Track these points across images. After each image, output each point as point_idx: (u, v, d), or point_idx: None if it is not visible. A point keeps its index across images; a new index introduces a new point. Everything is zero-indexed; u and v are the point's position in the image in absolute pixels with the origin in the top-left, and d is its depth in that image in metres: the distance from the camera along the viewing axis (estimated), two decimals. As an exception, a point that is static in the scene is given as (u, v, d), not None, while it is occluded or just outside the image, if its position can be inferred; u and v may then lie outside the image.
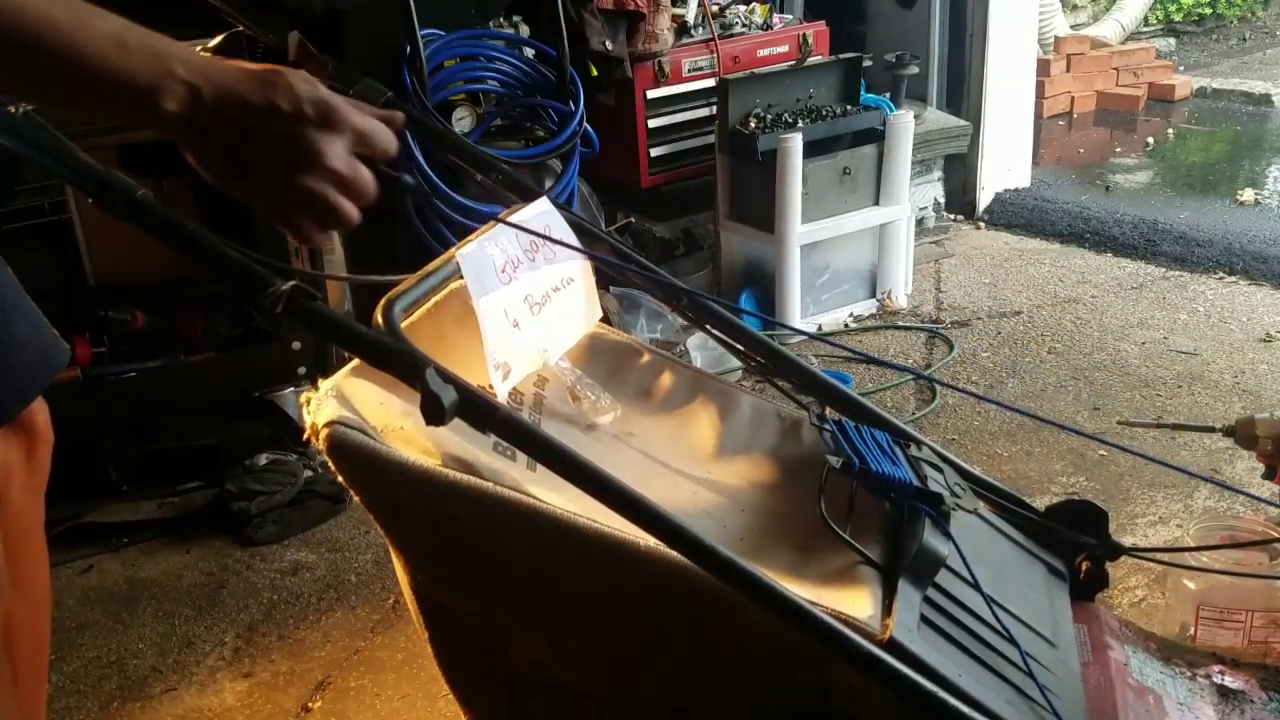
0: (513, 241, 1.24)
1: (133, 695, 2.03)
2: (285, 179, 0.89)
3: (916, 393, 3.00)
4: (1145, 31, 7.43)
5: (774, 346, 1.46)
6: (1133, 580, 2.10)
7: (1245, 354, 3.07)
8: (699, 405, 1.45)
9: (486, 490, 1.05)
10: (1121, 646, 1.39)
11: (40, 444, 1.48)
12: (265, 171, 0.88)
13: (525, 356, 1.24)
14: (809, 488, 1.24)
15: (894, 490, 1.23)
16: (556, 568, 1.10)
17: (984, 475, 1.49)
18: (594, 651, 1.18)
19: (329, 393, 1.10)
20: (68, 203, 2.54)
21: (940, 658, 1.09)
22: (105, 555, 2.47)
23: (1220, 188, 4.67)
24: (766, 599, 1.02)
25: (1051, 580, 1.44)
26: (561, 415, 1.34)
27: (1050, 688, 1.19)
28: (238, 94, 0.86)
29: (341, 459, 1.05)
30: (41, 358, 1.40)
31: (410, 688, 1.98)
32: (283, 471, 2.59)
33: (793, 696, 1.12)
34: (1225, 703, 1.35)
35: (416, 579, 1.17)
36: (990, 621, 1.21)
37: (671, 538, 1.02)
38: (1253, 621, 1.69)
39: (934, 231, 4.12)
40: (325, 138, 0.89)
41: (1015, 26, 4.21)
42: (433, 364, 0.97)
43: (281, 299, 0.95)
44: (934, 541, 1.18)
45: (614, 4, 3.29)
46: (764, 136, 3.27)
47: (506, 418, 1.01)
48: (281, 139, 0.87)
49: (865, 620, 1.07)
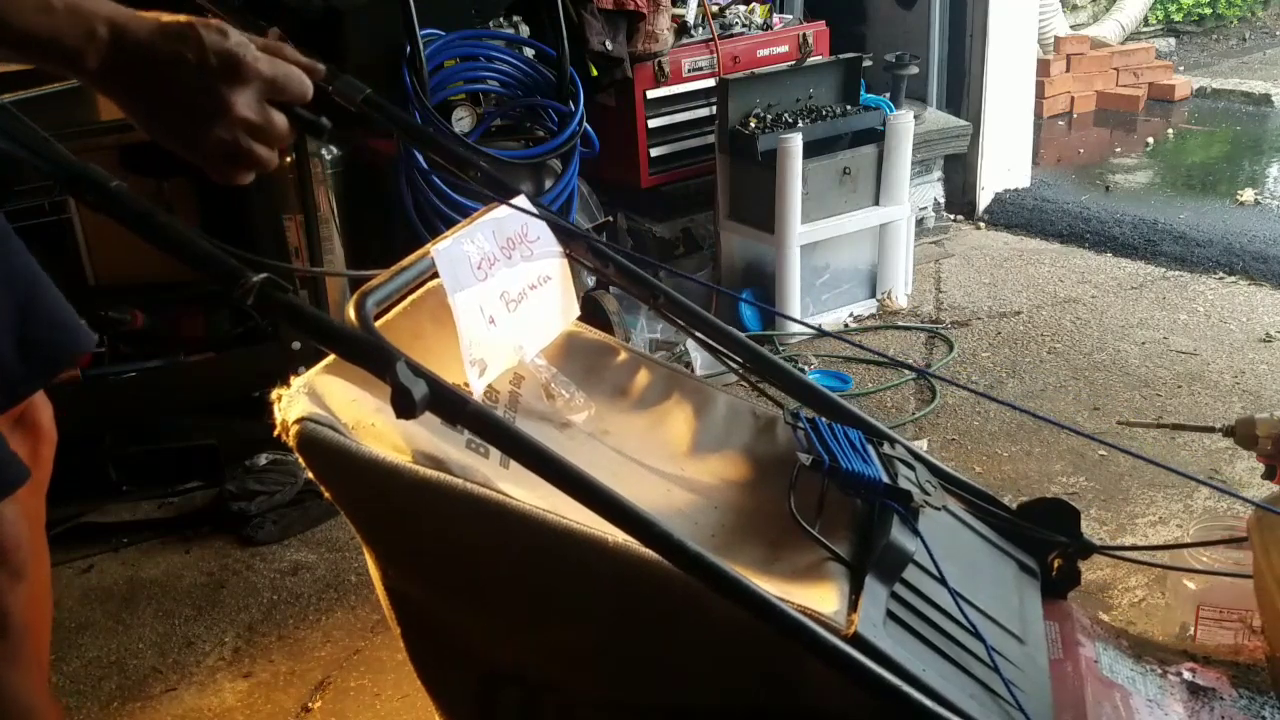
0: (489, 239, 1.24)
1: (133, 695, 2.03)
2: (197, 128, 0.93)
3: (916, 393, 3.00)
4: (1145, 31, 7.43)
5: (753, 346, 1.46)
6: (1133, 580, 2.10)
7: (1245, 354, 3.07)
8: (674, 403, 1.46)
9: (456, 486, 1.06)
10: (1092, 643, 1.40)
11: (43, 443, 1.49)
12: (179, 121, 0.93)
13: (501, 353, 1.24)
14: (781, 485, 1.25)
15: (863, 487, 1.24)
16: (526, 564, 1.11)
17: (957, 473, 1.50)
18: (564, 647, 1.18)
19: (300, 389, 1.10)
20: (68, 203, 2.55)
21: (905, 652, 1.11)
22: (105, 555, 2.47)
23: (1220, 188, 4.67)
24: (734, 594, 1.03)
25: (1022, 578, 1.45)
26: (537, 413, 1.34)
27: (1017, 683, 1.20)
28: (149, 47, 0.90)
29: (312, 455, 1.06)
30: (66, 335, 1.41)
31: (410, 688, 1.98)
32: (283, 471, 2.59)
33: (762, 692, 1.13)
34: (1195, 700, 1.36)
35: (388, 575, 1.18)
36: (957, 617, 1.22)
37: (641, 533, 1.03)
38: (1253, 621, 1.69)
39: (934, 231, 4.13)
40: (233, 88, 0.92)
41: (1015, 26, 4.21)
42: (404, 357, 0.97)
43: (252, 290, 0.96)
44: (901, 538, 1.19)
45: (614, 4, 3.29)
46: (764, 136, 3.26)
47: (477, 411, 1.01)
48: (190, 90, 0.91)
49: (831, 615, 1.08)
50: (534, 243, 1.32)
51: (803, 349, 3.27)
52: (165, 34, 0.91)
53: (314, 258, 2.77)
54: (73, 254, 2.59)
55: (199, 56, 0.90)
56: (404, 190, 2.92)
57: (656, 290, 1.42)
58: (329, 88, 1.22)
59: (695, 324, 1.45)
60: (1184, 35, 7.73)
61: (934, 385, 2.99)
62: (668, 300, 1.43)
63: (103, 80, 0.90)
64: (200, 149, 0.94)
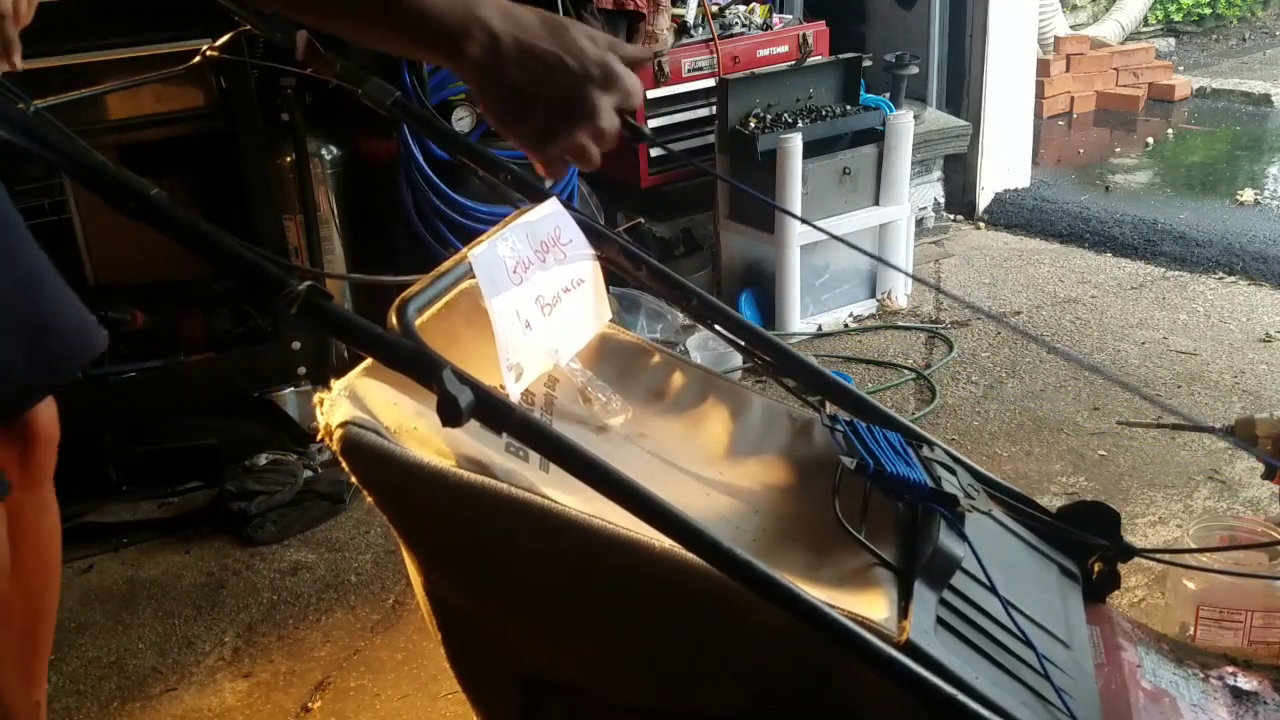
0: (524, 242, 1.23)
1: (132, 695, 2.03)
2: (559, 130, 0.95)
3: (916, 393, 3.00)
4: (1145, 31, 7.43)
5: (784, 347, 1.45)
6: (1132, 580, 2.10)
7: (1245, 354, 3.07)
8: (710, 406, 1.44)
9: (502, 491, 1.05)
10: (1134, 648, 1.39)
11: (36, 445, 1.47)
12: (546, 120, 0.95)
13: (537, 357, 1.24)
14: (822, 489, 1.24)
15: (909, 492, 1.22)
16: (571, 569, 1.10)
17: (995, 477, 1.49)
18: (608, 653, 1.17)
19: (342, 393, 1.10)
20: (68, 202, 2.54)
21: (957, 660, 1.09)
22: (105, 555, 2.47)
23: (1220, 188, 4.67)
24: (783, 600, 1.01)
25: (1064, 581, 1.43)
26: (573, 417, 1.34)
27: (1065, 689, 1.18)
28: (534, 48, 0.91)
29: (356, 460, 1.05)
30: (78, 338, 1.41)
31: (410, 688, 1.98)
32: (282, 471, 2.59)
33: (809, 699, 1.11)
34: (1239, 704, 1.35)
35: (430, 580, 1.17)
36: (1005, 623, 1.21)
37: (688, 539, 1.02)
38: (1253, 621, 1.69)
39: (934, 231, 4.13)
40: (602, 97, 0.94)
41: (1015, 26, 4.21)
42: (449, 365, 0.97)
43: (298, 300, 0.95)
44: (949, 543, 1.17)
45: (614, 4, 3.29)
46: (764, 136, 3.27)
47: (523, 419, 1.01)
48: (566, 94, 0.93)
49: (882, 622, 1.06)
50: (567, 245, 1.31)
51: (802, 349, 3.27)
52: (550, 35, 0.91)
53: (314, 258, 2.77)
54: (73, 254, 2.59)
55: (581, 64, 0.92)
56: (404, 190, 2.92)
57: (689, 293, 1.42)
58: (358, 91, 1.22)
59: (729, 326, 1.44)
60: (1184, 35, 7.73)
61: (934, 385, 2.99)
62: (701, 303, 1.42)
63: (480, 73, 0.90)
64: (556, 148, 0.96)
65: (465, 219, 2.93)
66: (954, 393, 2.95)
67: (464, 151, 1.47)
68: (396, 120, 2.45)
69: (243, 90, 2.55)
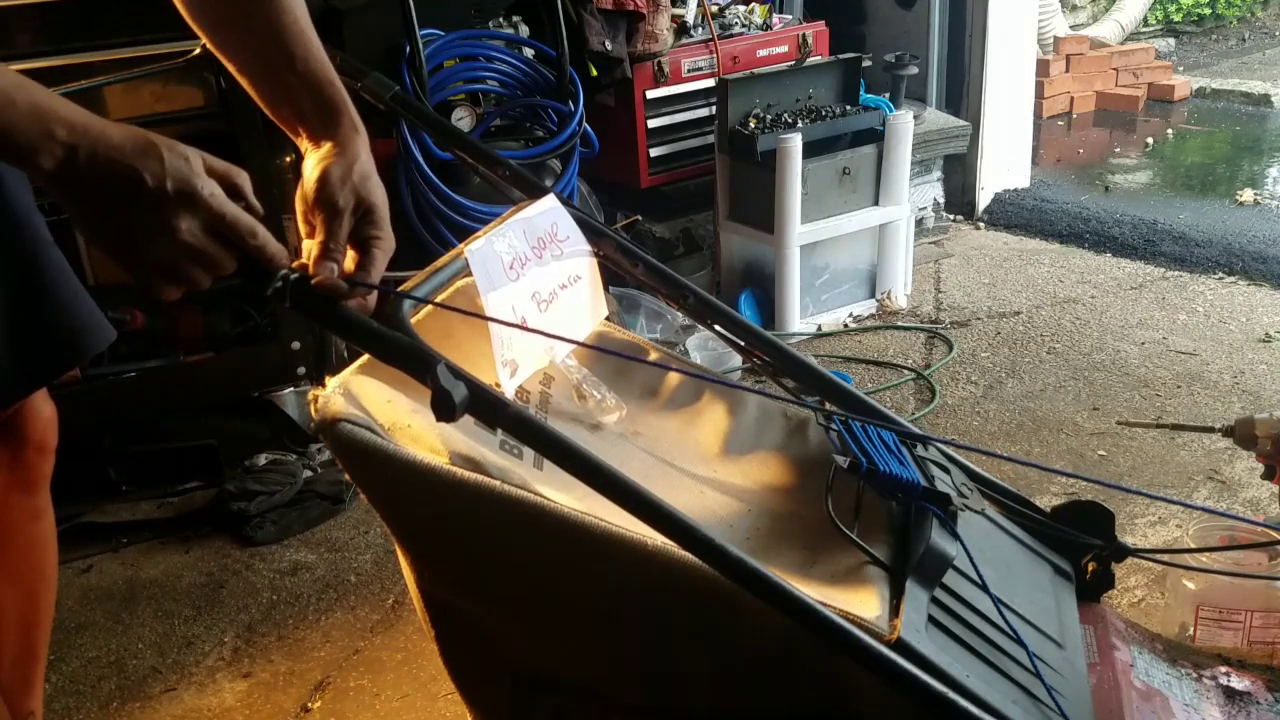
0: (520, 238, 1.23)
1: (132, 695, 2.03)
2: (139, 246, 0.93)
3: (916, 393, 3.00)
4: (1145, 32, 7.43)
5: (781, 345, 1.45)
6: (1132, 580, 2.10)
7: (1245, 354, 3.07)
8: (705, 404, 1.44)
9: (495, 488, 1.05)
10: (1128, 647, 1.39)
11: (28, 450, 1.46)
12: (121, 234, 0.93)
13: (532, 354, 1.24)
14: (816, 488, 1.24)
15: (901, 490, 1.22)
16: (564, 566, 1.10)
17: (991, 476, 1.49)
18: (601, 650, 1.17)
19: (336, 390, 1.10)
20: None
21: (948, 658, 1.09)
22: (105, 555, 2.47)
23: (1220, 188, 4.67)
24: (776, 598, 1.01)
25: (1058, 581, 1.43)
26: (567, 414, 1.34)
27: (1057, 689, 1.18)
28: (109, 161, 0.89)
29: (349, 456, 1.05)
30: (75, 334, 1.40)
31: (410, 688, 1.98)
32: (282, 471, 2.59)
33: (801, 697, 1.12)
34: (1231, 704, 1.35)
35: (423, 578, 1.17)
36: (998, 622, 1.21)
37: (681, 536, 1.02)
38: (1252, 621, 1.69)
39: (933, 231, 4.13)
40: (180, 215, 0.92)
41: (1015, 26, 4.21)
42: (443, 360, 0.97)
43: (288, 289, 0.97)
44: (941, 542, 1.17)
45: (614, 4, 3.29)
46: (764, 136, 3.27)
47: (517, 414, 1.01)
48: (140, 210, 0.91)
49: (873, 620, 1.06)
50: (564, 242, 1.31)
51: (802, 349, 3.26)
52: (131, 150, 0.90)
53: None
54: (72, 253, 2.58)
55: (158, 181, 0.90)
56: (403, 189, 2.93)
57: (686, 290, 1.41)
58: (358, 85, 1.22)
59: (728, 325, 1.44)
60: (1183, 35, 7.73)
61: (933, 385, 2.99)
62: (698, 300, 1.42)
63: (55, 182, 0.89)
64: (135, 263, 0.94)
65: (464, 218, 2.93)
66: (954, 393, 2.95)
67: (462, 147, 1.47)
68: (395, 117, 2.46)
69: (242, 90, 2.54)
